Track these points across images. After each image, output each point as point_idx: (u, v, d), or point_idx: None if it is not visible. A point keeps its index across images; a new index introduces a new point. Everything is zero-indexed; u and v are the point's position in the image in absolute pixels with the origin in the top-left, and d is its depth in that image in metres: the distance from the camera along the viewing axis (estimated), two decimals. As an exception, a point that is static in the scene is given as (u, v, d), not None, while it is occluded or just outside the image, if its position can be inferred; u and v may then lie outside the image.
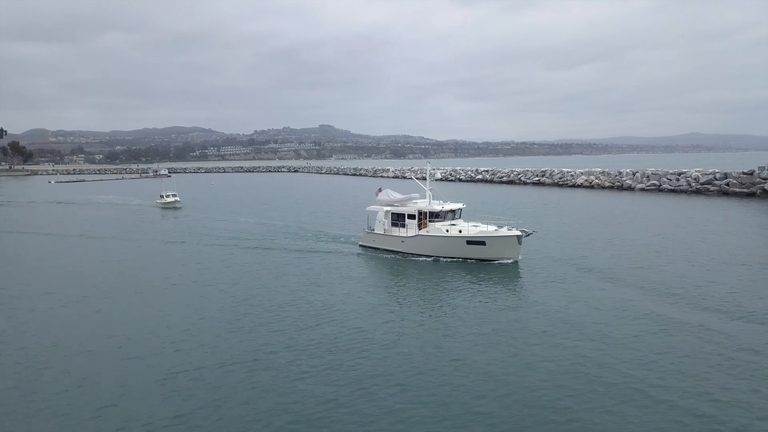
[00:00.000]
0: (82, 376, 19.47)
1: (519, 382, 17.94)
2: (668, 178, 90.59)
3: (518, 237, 35.65)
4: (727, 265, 33.96)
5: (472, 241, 36.65)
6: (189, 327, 24.51)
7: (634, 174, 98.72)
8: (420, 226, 39.62)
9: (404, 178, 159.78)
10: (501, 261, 36.01)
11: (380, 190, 45.05)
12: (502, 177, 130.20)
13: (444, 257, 37.84)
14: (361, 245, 43.69)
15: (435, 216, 39.49)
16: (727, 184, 80.00)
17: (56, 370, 20.02)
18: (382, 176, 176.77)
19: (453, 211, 40.33)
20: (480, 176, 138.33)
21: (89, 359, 21.04)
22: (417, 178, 54.73)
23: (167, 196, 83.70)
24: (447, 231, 37.94)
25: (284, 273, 35.21)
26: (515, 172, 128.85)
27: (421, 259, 38.37)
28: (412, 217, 40.19)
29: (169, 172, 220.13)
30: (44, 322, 25.90)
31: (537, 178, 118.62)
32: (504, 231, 36.50)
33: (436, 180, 55.93)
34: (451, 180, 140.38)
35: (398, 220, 41.29)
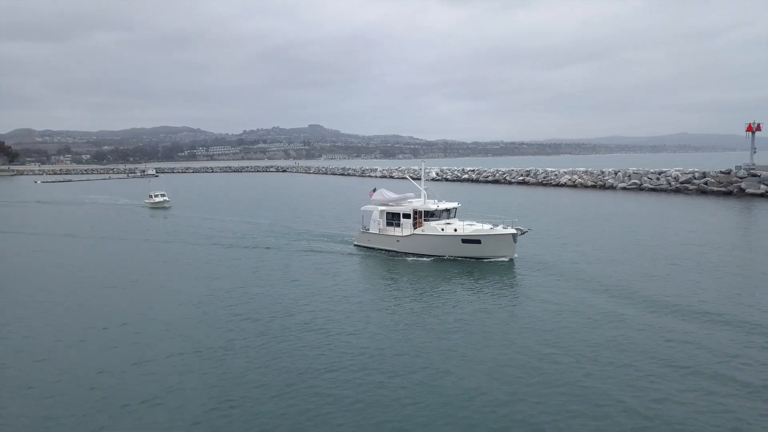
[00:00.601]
0: (60, 362, 20.46)
1: (466, 368, 19.07)
2: (649, 177, 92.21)
3: (513, 235, 35.81)
4: (691, 262, 35.38)
5: (468, 240, 36.75)
6: (167, 318, 25.48)
7: (616, 173, 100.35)
8: (415, 226, 39.69)
9: (392, 177, 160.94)
10: (497, 259, 36.12)
11: (375, 189, 44.97)
12: (487, 177, 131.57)
13: (439, 256, 37.85)
14: (355, 245, 43.52)
15: (430, 215, 39.56)
16: (706, 183, 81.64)
17: (36, 358, 20.95)
18: (370, 176, 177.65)
19: (448, 210, 40.51)
20: (466, 176, 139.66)
21: (68, 347, 22.01)
22: (413, 178, 54.31)
23: (156, 195, 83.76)
24: (442, 230, 37.98)
25: (265, 269, 35.98)
26: (500, 172, 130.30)
27: (416, 258, 38.27)
28: (407, 216, 40.27)
29: (156, 172, 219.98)
30: (27, 314, 26.77)
31: (522, 178, 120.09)
32: (499, 229, 36.53)
33: (431, 180, 55.82)
34: (438, 180, 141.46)
35: (393, 219, 41.30)
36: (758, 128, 78.84)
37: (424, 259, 37.92)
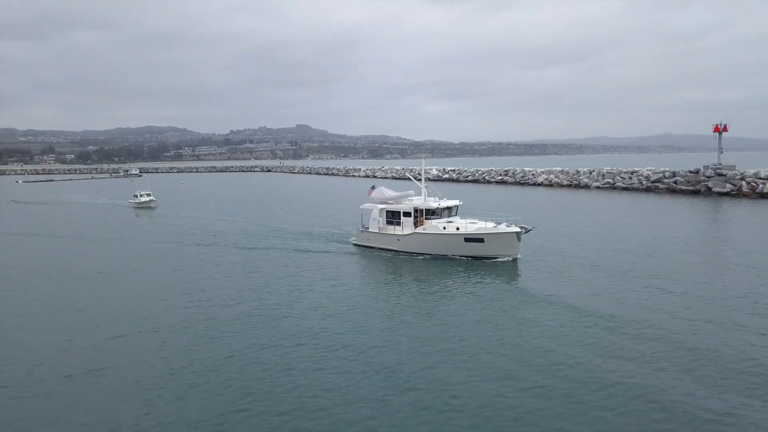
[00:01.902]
0: (21, 344, 22.15)
1: (406, 345, 20.05)
2: (621, 177, 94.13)
3: (517, 233, 34.85)
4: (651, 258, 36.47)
5: (470, 239, 35.95)
6: (124, 304, 27.03)
7: (590, 173, 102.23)
8: (416, 224, 38.79)
9: (374, 177, 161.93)
10: (500, 259, 35.34)
11: (373, 187, 44.17)
12: (467, 176, 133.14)
13: (441, 255, 36.99)
14: (355, 244, 42.52)
15: (431, 213, 38.79)
16: (675, 182, 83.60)
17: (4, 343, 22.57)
18: (353, 176, 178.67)
19: (449, 208, 39.75)
20: (447, 176, 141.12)
21: (30, 332, 23.40)
22: (415, 178, 52.27)
23: (141, 195, 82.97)
24: (444, 228, 37.08)
25: (263, 269, 35.14)
26: (480, 172, 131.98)
27: (417, 257, 37.42)
28: (407, 214, 39.35)
29: (140, 172, 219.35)
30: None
31: (500, 177, 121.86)
32: (503, 227, 35.66)
33: (431, 179, 54.16)
34: (418, 179, 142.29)
35: (393, 218, 40.28)
36: (725, 129, 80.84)
37: (426, 258, 37.15)
